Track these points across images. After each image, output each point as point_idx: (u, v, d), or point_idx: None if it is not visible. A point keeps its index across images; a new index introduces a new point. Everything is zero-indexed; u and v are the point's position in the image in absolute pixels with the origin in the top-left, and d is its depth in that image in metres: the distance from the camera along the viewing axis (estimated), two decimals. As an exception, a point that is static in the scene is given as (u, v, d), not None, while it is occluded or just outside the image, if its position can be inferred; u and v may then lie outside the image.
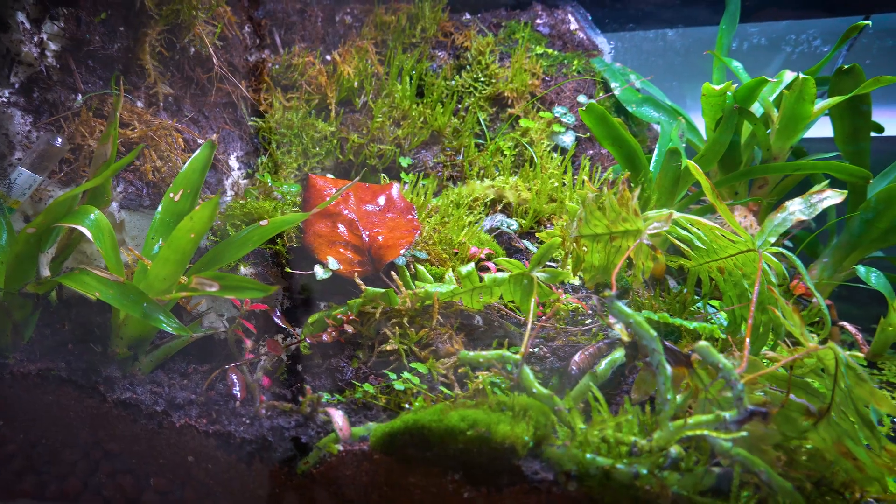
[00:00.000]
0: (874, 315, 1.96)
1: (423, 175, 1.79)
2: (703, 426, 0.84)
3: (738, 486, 0.83)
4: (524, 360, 0.94)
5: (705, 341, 0.85)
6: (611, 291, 0.88)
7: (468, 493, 0.87)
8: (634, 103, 1.87)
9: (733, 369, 0.83)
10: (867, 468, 0.92)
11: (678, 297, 1.44)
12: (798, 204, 1.08)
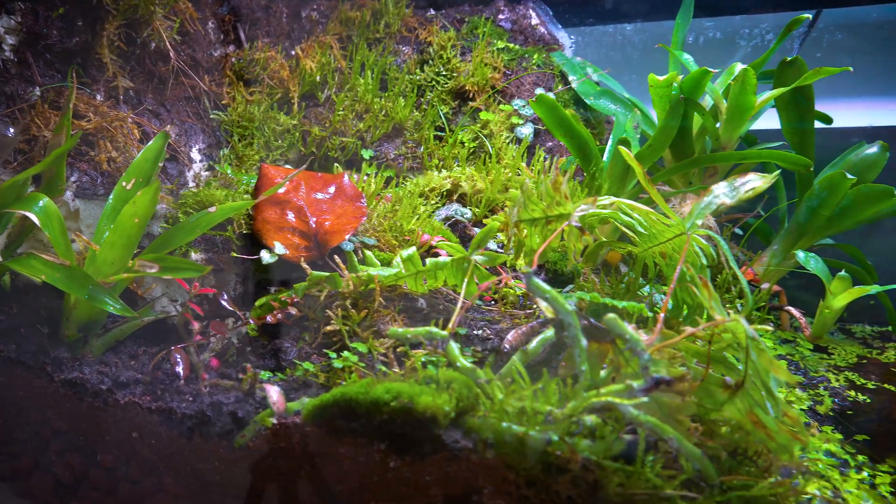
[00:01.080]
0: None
1: (385, 167, 1.84)
2: (614, 395, 0.88)
3: (643, 451, 0.87)
4: (451, 335, 0.98)
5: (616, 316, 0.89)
6: (528, 268, 0.92)
7: (393, 462, 0.91)
8: (592, 96, 1.91)
9: (640, 340, 0.88)
10: (776, 436, 0.97)
11: (624, 281, 1.49)
12: (723, 188, 1.13)
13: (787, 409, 0.94)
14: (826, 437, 1.36)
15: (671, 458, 0.93)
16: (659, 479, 0.84)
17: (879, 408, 1.55)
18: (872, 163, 1.67)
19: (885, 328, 2.02)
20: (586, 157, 1.63)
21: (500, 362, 1.10)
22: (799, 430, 0.93)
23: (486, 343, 1.24)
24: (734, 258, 1.78)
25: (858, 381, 1.67)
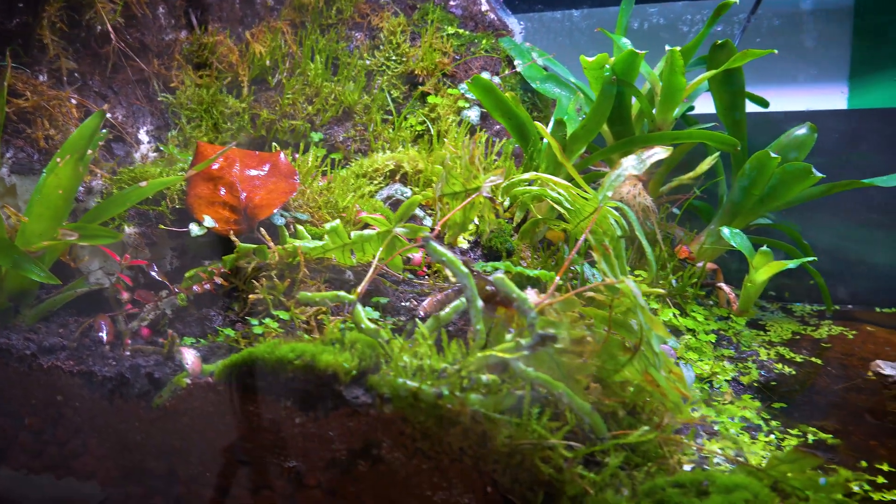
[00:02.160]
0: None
1: (333, 149, 1.88)
2: (506, 352, 0.92)
3: (531, 405, 0.91)
4: (358, 299, 1.02)
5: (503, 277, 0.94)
6: (427, 233, 0.96)
7: (299, 418, 0.96)
8: (539, 80, 1.95)
9: (526, 299, 0.92)
10: (669, 394, 1.01)
11: (555, 256, 1.53)
12: (631, 160, 1.17)
13: (672, 365, 0.99)
14: (744, 405, 1.41)
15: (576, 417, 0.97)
16: (544, 430, 0.89)
17: (802, 379, 1.61)
18: (801, 143, 1.73)
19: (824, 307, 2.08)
20: (524, 138, 1.67)
21: (415, 327, 1.15)
22: (682, 385, 0.98)
23: (412, 313, 1.29)
24: (673, 237, 1.83)
25: (788, 355, 1.72)
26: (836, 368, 1.66)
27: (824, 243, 2.05)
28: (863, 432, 1.38)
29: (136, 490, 1.08)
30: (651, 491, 0.88)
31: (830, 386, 1.59)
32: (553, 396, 0.94)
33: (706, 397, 1.40)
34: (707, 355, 1.59)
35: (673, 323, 1.61)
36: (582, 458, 0.92)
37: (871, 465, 1.24)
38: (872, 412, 1.45)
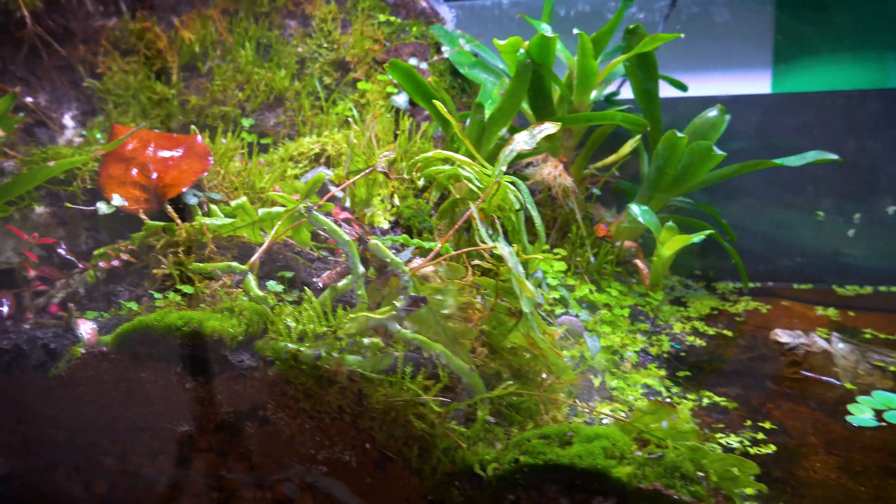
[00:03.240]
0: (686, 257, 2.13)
1: (263, 135, 1.91)
2: (384, 315, 0.97)
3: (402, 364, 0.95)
4: (250, 269, 1.06)
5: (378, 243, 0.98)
6: (309, 203, 1.00)
7: (189, 383, 0.99)
8: (467, 66, 2.00)
9: (400, 264, 0.96)
10: (549, 355, 1.07)
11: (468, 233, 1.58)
12: (524, 136, 1.22)
13: (546, 327, 1.04)
14: (648, 374, 1.47)
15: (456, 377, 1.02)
16: (418, 388, 0.93)
17: (712, 350, 1.67)
18: (713, 125, 1.79)
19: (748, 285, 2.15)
20: (445, 122, 1.71)
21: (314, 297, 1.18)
22: (554, 345, 1.03)
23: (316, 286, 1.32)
24: (593, 216, 1.89)
25: (702, 328, 1.79)
26: (746, 340, 1.73)
27: (745, 223, 2.12)
28: (761, 396, 1.45)
29: (39, 462, 1.11)
30: (519, 443, 0.93)
31: (738, 356, 1.66)
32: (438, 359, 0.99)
33: (610, 367, 1.46)
34: (621, 328, 1.65)
35: (589, 298, 1.67)
36: (453, 413, 0.97)
37: (755, 423, 1.30)
38: (772, 378, 1.52)
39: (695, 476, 0.88)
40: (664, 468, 0.89)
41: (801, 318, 1.86)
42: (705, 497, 0.87)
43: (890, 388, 1.42)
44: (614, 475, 0.87)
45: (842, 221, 2.07)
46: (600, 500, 0.90)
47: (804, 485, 1.14)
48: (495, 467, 0.91)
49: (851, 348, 1.52)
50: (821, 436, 1.29)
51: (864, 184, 2.03)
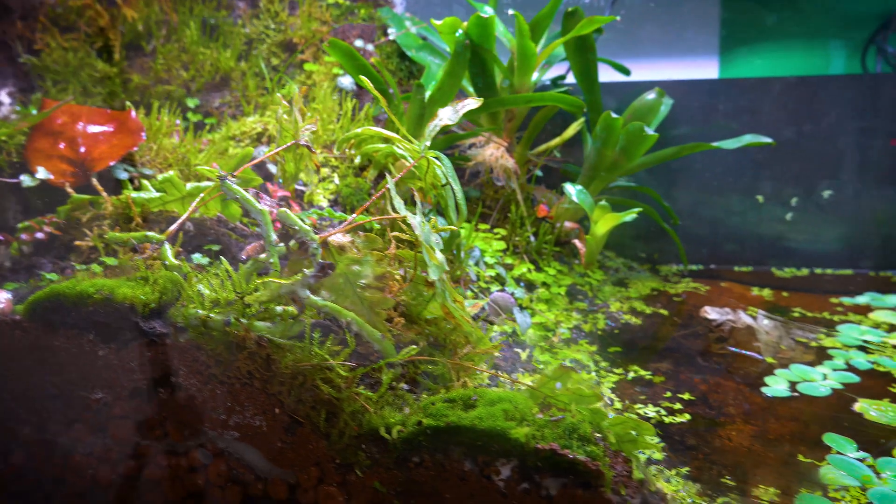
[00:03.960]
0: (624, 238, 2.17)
1: (209, 115, 1.90)
2: (297, 284, 0.98)
3: (317, 331, 0.97)
4: (168, 239, 1.06)
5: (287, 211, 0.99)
6: (222, 172, 1.01)
7: (101, 350, 1.00)
8: (414, 48, 2.01)
9: (310, 231, 0.98)
10: (463, 325, 1.09)
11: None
12: (448, 111, 1.24)
13: (456, 295, 1.06)
14: (578, 349, 1.50)
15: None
16: (325, 354, 0.95)
17: (645, 328, 1.71)
18: (651, 107, 1.82)
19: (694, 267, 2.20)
20: (388, 100, 1.72)
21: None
22: (464, 312, 1.05)
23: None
24: (534, 197, 1.92)
25: (640, 307, 1.83)
26: (681, 318, 1.78)
27: (689, 208, 2.17)
28: (690, 371, 1.49)
29: (-43, 431, 1.10)
30: (425, 406, 0.95)
31: (671, 333, 1.70)
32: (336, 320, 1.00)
33: (541, 342, 1.49)
34: (558, 306, 1.68)
35: (527, 277, 1.69)
36: (363, 379, 0.98)
37: (675, 395, 1.34)
38: (702, 354, 1.56)
39: (592, 437, 0.91)
40: (563, 430, 0.91)
41: (737, 298, 1.91)
42: (600, 457, 0.89)
43: (810, 362, 1.47)
44: (513, 436, 0.89)
45: (780, 205, 2.12)
46: (503, 463, 0.92)
47: (716, 452, 1.18)
48: (400, 430, 0.93)
49: (775, 325, 1.57)
50: (740, 407, 1.33)
51: (801, 169, 2.09)
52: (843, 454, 1.10)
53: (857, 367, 1.43)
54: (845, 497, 0.99)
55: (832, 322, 1.69)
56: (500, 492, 0.92)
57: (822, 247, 2.10)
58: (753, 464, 1.15)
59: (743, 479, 1.08)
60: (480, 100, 1.22)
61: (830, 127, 2.03)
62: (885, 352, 1.50)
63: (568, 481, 0.90)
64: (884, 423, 1.20)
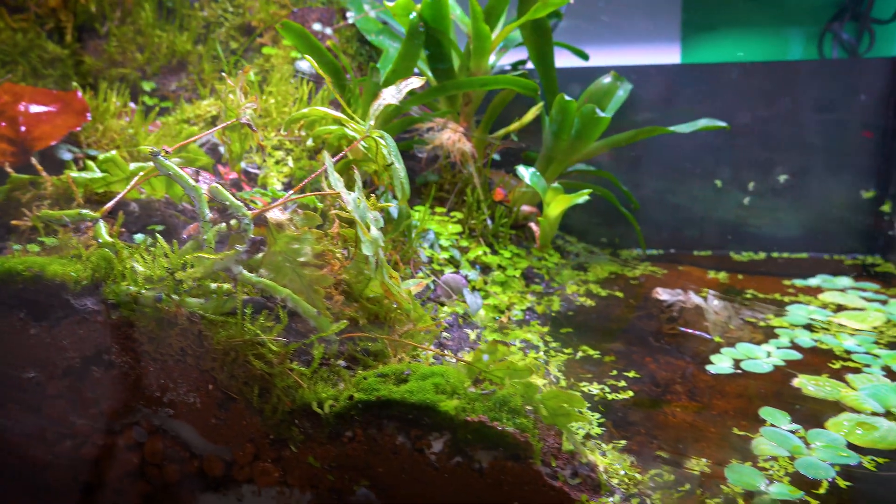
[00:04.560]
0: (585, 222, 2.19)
1: (165, 98, 1.88)
2: (227, 259, 0.98)
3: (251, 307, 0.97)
4: (104, 218, 1.05)
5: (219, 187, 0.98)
6: (154, 149, 1.00)
7: (33, 328, 0.99)
8: (374, 33, 2.00)
9: (241, 207, 0.97)
10: (403, 302, 1.09)
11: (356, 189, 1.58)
12: (391, 91, 1.23)
13: (392, 272, 1.06)
14: (529, 330, 1.51)
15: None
16: (257, 329, 0.95)
17: (599, 310, 1.72)
18: (606, 91, 1.83)
19: (649, 251, 2.22)
20: (341, 84, 1.71)
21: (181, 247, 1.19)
22: (401, 289, 1.05)
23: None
24: (491, 181, 1.92)
25: (596, 290, 1.84)
26: (637, 301, 1.79)
27: (649, 192, 2.19)
28: (642, 351, 1.50)
29: None
30: (357, 382, 0.96)
31: (625, 315, 1.71)
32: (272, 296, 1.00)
33: (491, 323, 1.49)
34: (513, 289, 1.68)
35: (483, 259, 1.70)
36: (297, 354, 0.98)
37: (621, 374, 1.35)
38: (654, 335, 1.57)
39: (522, 410, 0.92)
40: (494, 403, 0.92)
41: (695, 281, 1.93)
42: (530, 429, 0.90)
43: (759, 341, 1.49)
44: (442, 409, 0.90)
45: (738, 190, 2.14)
46: (435, 437, 0.93)
47: (658, 427, 1.19)
48: (332, 405, 0.93)
49: (725, 305, 1.59)
50: (687, 384, 1.35)
51: (757, 153, 2.11)
52: (776, 427, 1.12)
53: (801, 345, 1.45)
54: (774, 466, 1.01)
55: (783, 303, 1.72)
56: (432, 465, 0.92)
57: (779, 231, 2.13)
58: (694, 438, 1.16)
59: (681, 452, 1.09)
60: (422, 79, 1.22)
61: (786, 112, 2.06)
62: (829, 330, 1.52)
63: (498, 454, 0.91)
64: (820, 398, 1.22)
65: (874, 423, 1.11)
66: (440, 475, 0.92)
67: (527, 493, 0.90)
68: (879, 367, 1.32)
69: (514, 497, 0.91)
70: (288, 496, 0.99)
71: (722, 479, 1.00)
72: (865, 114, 2.00)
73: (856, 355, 1.39)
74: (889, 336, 1.48)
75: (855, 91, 2.00)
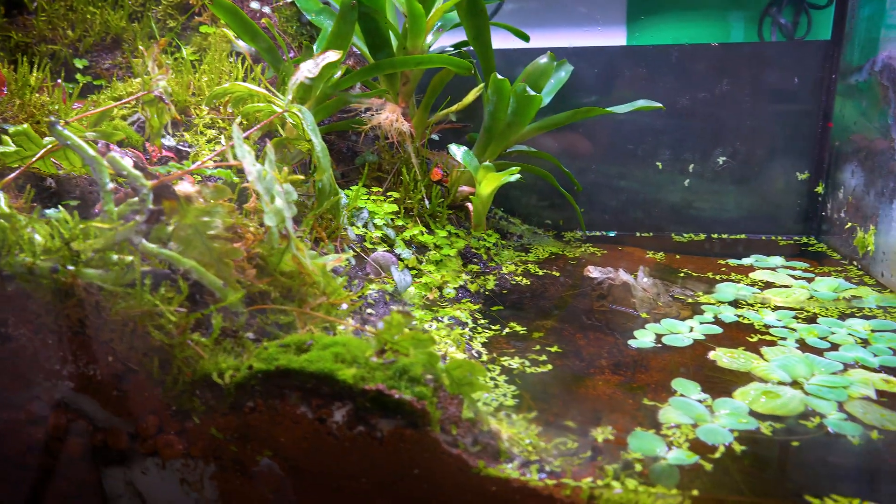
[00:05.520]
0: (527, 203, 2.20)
1: (98, 76, 1.85)
2: (130, 231, 0.96)
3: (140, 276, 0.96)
4: (3, 189, 1.03)
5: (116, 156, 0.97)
6: (52, 118, 0.98)
7: (-73, 301, 0.96)
8: (314, 12, 1.98)
9: (140, 177, 0.96)
10: (314, 275, 1.09)
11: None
12: (309, 64, 1.23)
13: (300, 244, 1.06)
14: (459, 307, 1.52)
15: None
16: (157, 300, 0.94)
17: (534, 288, 1.74)
18: (543, 71, 1.84)
19: (592, 233, 2.24)
20: (276, 62, 1.70)
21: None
22: (308, 261, 1.05)
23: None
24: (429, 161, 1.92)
25: (534, 270, 1.85)
26: (573, 280, 1.81)
27: (592, 175, 2.21)
28: (573, 327, 1.52)
29: None
30: (260, 352, 0.95)
31: (560, 293, 1.73)
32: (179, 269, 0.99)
33: (420, 300, 1.50)
34: (448, 268, 1.69)
35: (419, 239, 1.70)
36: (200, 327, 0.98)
37: (544, 348, 1.37)
38: (587, 312, 1.59)
39: (422, 379, 0.93)
40: (394, 372, 0.92)
41: (634, 261, 1.95)
42: (428, 397, 0.91)
43: (685, 318, 1.52)
44: (340, 377, 0.90)
45: (678, 172, 2.17)
46: (337, 406, 0.93)
47: (577, 399, 1.21)
48: (232, 375, 0.93)
49: (654, 282, 1.61)
50: (612, 359, 1.37)
51: (697, 135, 2.14)
52: (686, 397, 1.14)
53: (724, 320, 1.48)
54: (676, 433, 1.03)
55: (714, 281, 1.75)
56: (333, 434, 0.93)
57: (719, 213, 2.16)
58: (610, 409, 1.18)
59: (594, 422, 1.11)
60: (340, 53, 1.21)
61: (724, 94, 2.09)
62: (753, 307, 1.56)
63: (397, 422, 0.91)
64: (733, 369, 1.25)
65: (779, 391, 1.14)
66: (341, 444, 0.93)
67: (425, 460, 0.91)
68: (794, 341, 1.36)
69: (413, 464, 0.92)
70: (192, 468, 0.99)
71: (625, 446, 1.01)
72: (801, 97, 2.04)
73: (774, 329, 1.42)
74: (809, 311, 1.52)
75: (791, 74, 2.03)
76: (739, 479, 0.92)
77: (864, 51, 1.81)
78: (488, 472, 0.91)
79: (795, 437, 1.01)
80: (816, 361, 1.25)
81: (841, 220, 1.93)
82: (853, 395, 1.12)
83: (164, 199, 1.06)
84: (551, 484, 0.91)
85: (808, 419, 1.06)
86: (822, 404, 1.10)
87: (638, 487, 0.90)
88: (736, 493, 0.89)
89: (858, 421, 1.05)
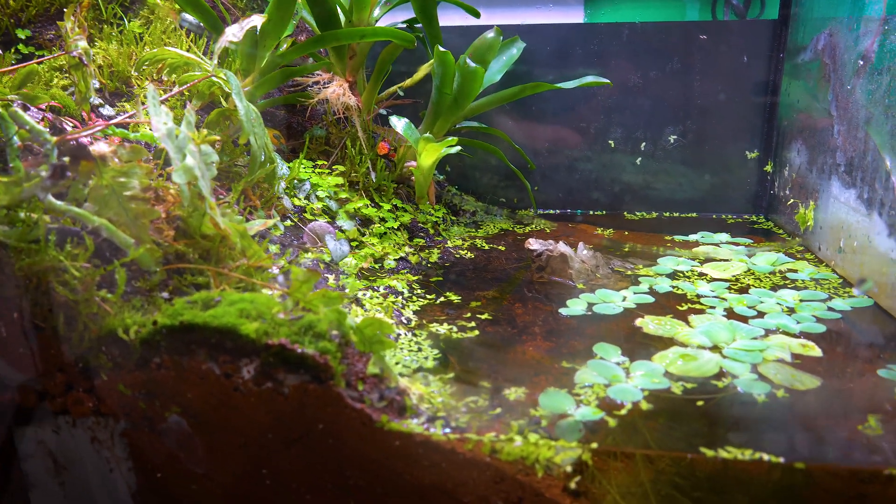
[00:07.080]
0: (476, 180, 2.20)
1: (41, 48, 1.83)
2: (35, 187, 0.96)
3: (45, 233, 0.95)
4: (-88, 146, 1.02)
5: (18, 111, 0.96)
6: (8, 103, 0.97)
7: None
8: (265, -14, 1.97)
9: (44, 132, 0.96)
10: (231, 236, 1.09)
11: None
12: (234, 28, 1.22)
13: (212, 203, 1.06)
14: (397, 278, 1.52)
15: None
16: (62, 256, 0.94)
17: (478, 261, 1.75)
18: (490, 45, 1.84)
19: (547, 211, 2.25)
20: (218, 33, 1.69)
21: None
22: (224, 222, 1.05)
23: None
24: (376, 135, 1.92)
25: (480, 244, 1.86)
26: (517, 254, 1.82)
27: (545, 153, 2.21)
28: (512, 298, 1.53)
29: None
30: (166, 308, 0.95)
31: (503, 266, 1.74)
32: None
33: (356, 269, 1.50)
34: (392, 240, 1.69)
35: (363, 212, 1.70)
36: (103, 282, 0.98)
37: (474, 315, 1.38)
38: (527, 284, 1.60)
39: (328, 335, 0.93)
40: (299, 328, 0.93)
41: (583, 237, 1.96)
42: (332, 352, 0.91)
43: (621, 288, 1.53)
44: (243, 332, 0.91)
45: (630, 152, 2.18)
46: (244, 362, 0.93)
47: (504, 363, 1.22)
48: (137, 331, 0.93)
49: (593, 255, 1.62)
50: (545, 327, 1.38)
51: (648, 114, 2.15)
52: (605, 360, 1.16)
53: (659, 290, 1.49)
54: (587, 392, 1.04)
55: (658, 255, 1.77)
56: (239, 389, 0.93)
57: (671, 192, 2.18)
58: (535, 372, 1.19)
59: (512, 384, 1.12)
60: (264, 16, 1.21)
61: (675, 72, 2.10)
62: (690, 278, 1.57)
63: (301, 377, 0.92)
64: (658, 335, 1.26)
65: (697, 355, 1.16)
66: (248, 400, 0.93)
67: (329, 415, 0.92)
68: (723, 309, 1.37)
69: (318, 419, 0.92)
70: (103, 425, 0.99)
71: (536, 404, 1.02)
72: (750, 76, 2.06)
73: (705, 299, 1.43)
74: (743, 283, 1.54)
75: (740, 53, 2.04)
76: (641, 433, 0.93)
77: (809, 30, 1.83)
78: (391, 426, 0.92)
79: (703, 396, 1.02)
80: (739, 328, 1.26)
81: (787, 197, 1.95)
82: (768, 358, 1.14)
83: (81, 160, 1.05)
84: (454, 438, 0.92)
85: (720, 380, 1.08)
86: (737, 366, 1.11)
87: (539, 441, 0.91)
88: (634, 445, 0.90)
89: (769, 381, 1.06)
